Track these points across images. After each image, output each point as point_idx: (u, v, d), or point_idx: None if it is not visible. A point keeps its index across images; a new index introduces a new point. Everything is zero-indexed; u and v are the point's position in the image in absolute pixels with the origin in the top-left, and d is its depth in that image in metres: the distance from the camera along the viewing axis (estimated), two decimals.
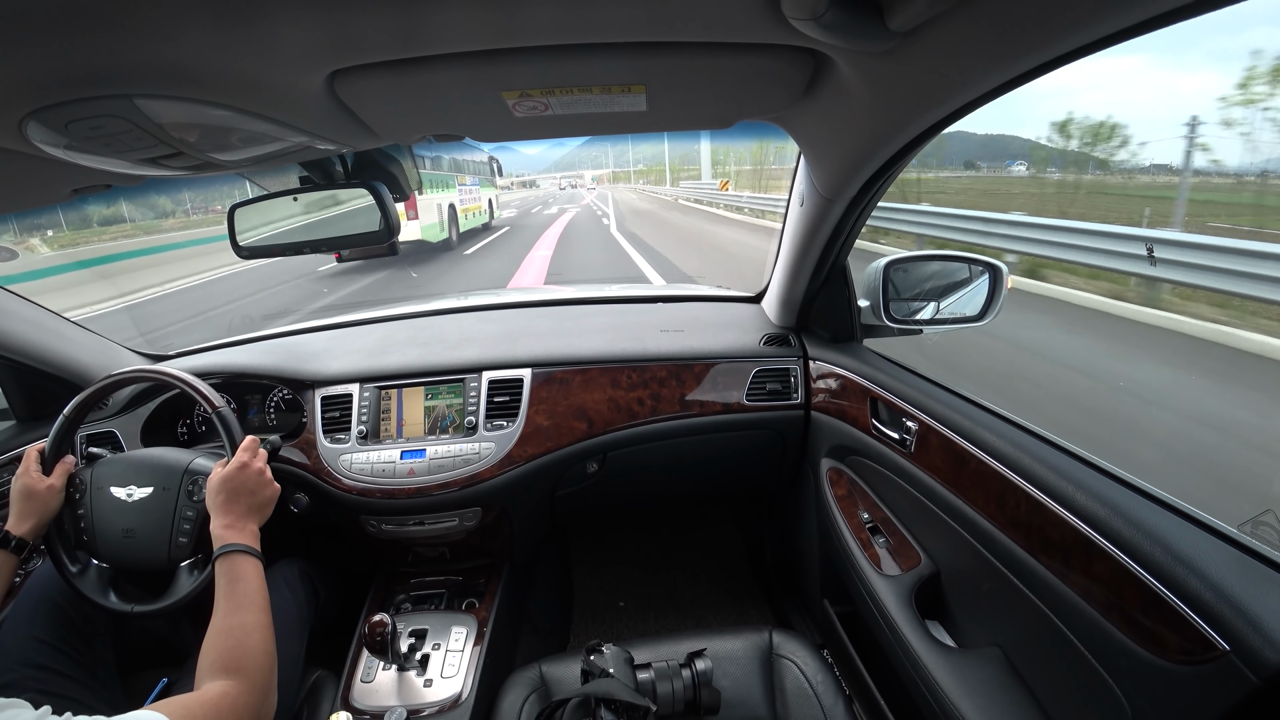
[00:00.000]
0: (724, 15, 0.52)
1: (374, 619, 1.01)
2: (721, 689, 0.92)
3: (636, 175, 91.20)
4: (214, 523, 0.91)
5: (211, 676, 0.74)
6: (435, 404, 1.34)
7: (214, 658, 0.76)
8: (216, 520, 0.91)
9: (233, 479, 0.95)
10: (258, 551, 0.90)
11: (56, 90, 0.50)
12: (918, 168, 17.91)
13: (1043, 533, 0.74)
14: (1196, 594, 0.56)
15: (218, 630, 0.79)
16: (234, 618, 0.80)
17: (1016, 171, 37.67)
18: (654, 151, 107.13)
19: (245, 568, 0.86)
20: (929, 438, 0.98)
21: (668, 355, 1.39)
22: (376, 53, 0.55)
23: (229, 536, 0.89)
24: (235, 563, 0.86)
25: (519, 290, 1.98)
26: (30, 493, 0.96)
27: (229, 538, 0.89)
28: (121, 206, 19.01)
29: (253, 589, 0.85)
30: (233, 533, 0.90)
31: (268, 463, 1.18)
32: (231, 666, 0.75)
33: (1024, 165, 40.20)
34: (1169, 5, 0.42)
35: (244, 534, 0.90)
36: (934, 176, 28.15)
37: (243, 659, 0.76)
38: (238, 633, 0.79)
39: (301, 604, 1.17)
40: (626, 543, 2.08)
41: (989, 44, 0.52)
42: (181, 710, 0.67)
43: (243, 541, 0.89)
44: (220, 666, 0.75)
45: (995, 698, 0.81)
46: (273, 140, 0.69)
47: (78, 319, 1.35)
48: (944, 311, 1.26)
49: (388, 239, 0.97)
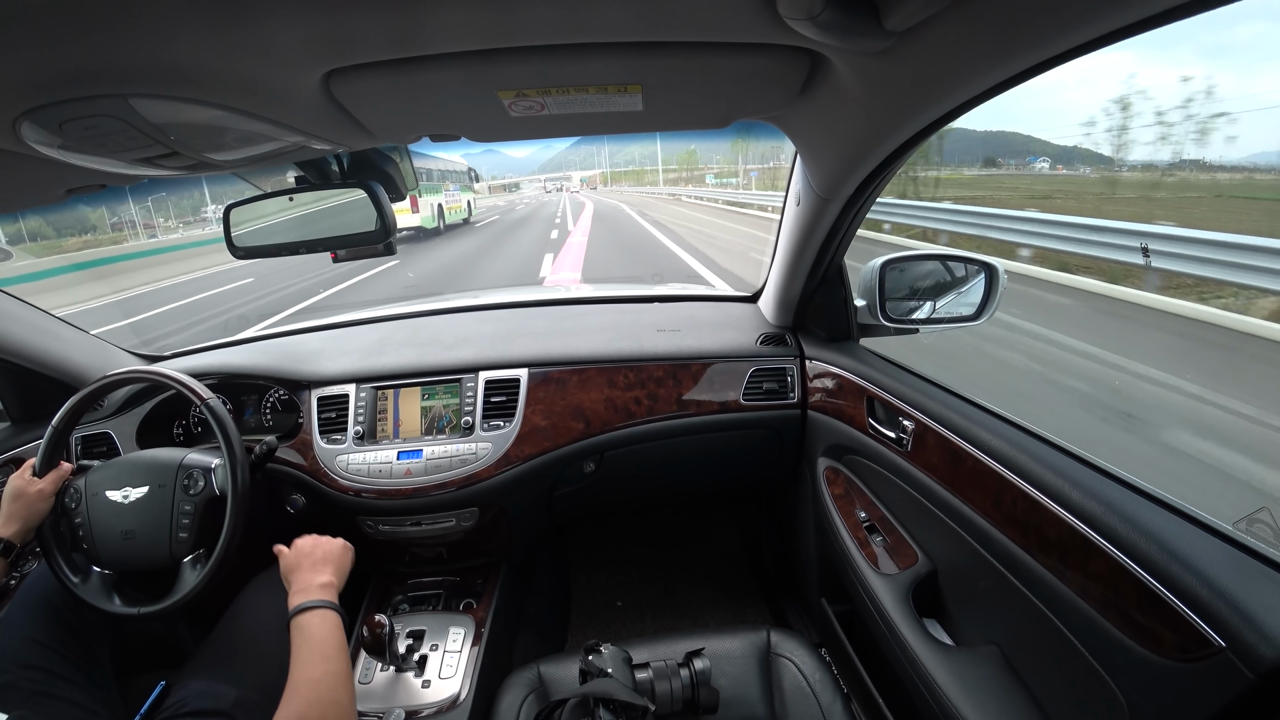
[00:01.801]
0: (720, 15, 0.52)
1: (372, 620, 1.01)
2: (720, 688, 0.92)
3: (651, 176, 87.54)
4: (291, 589, 0.90)
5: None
6: (432, 404, 1.34)
7: (293, 708, 0.74)
8: (290, 597, 0.89)
9: (288, 560, 0.94)
10: (328, 602, 0.87)
11: (50, 90, 0.49)
12: (947, 165, 17.88)
13: (1039, 531, 0.74)
14: (1192, 591, 0.56)
15: (292, 686, 0.76)
16: (306, 672, 0.78)
17: (1040, 168, 37.27)
18: (645, 152, 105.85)
19: (313, 622, 0.84)
20: (926, 437, 0.99)
21: (664, 355, 1.39)
22: (372, 52, 0.55)
23: (296, 600, 0.87)
24: (302, 620, 0.84)
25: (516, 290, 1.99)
26: (18, 494, 0.96)
27: (296, 600, 0.87)
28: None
29: (322, 641, 0.82)
30: (300, 595, 0.88)
31: (265, 464, 1.19)
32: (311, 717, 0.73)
33: (1047, 162, 39.88)
34: (1164, 5, 0.42)
35: (311, 591, 0.88)
36: (960, 174, 27.51)
37: (315, 710, 0.74)
38: (306, 688, 0.76)
39: None
40: (624, 542, 2.08)
41: (985, 43, 0.52)
42: None
43: (309, 599, 0.86)
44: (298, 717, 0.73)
45: (993, 695, 0.81)
46: (268, 140, 0.68)
47: (64, 315, 1.34)
48: (940, 311, 1.26)
49: (384, 239, 0.97)
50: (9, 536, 0.93)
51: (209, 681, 0.97)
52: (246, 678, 0.99)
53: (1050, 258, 6.79)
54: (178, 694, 0.96)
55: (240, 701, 0.95)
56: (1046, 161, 40.95)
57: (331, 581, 0.90)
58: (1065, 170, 26.36)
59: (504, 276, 9.01)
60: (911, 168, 15.46)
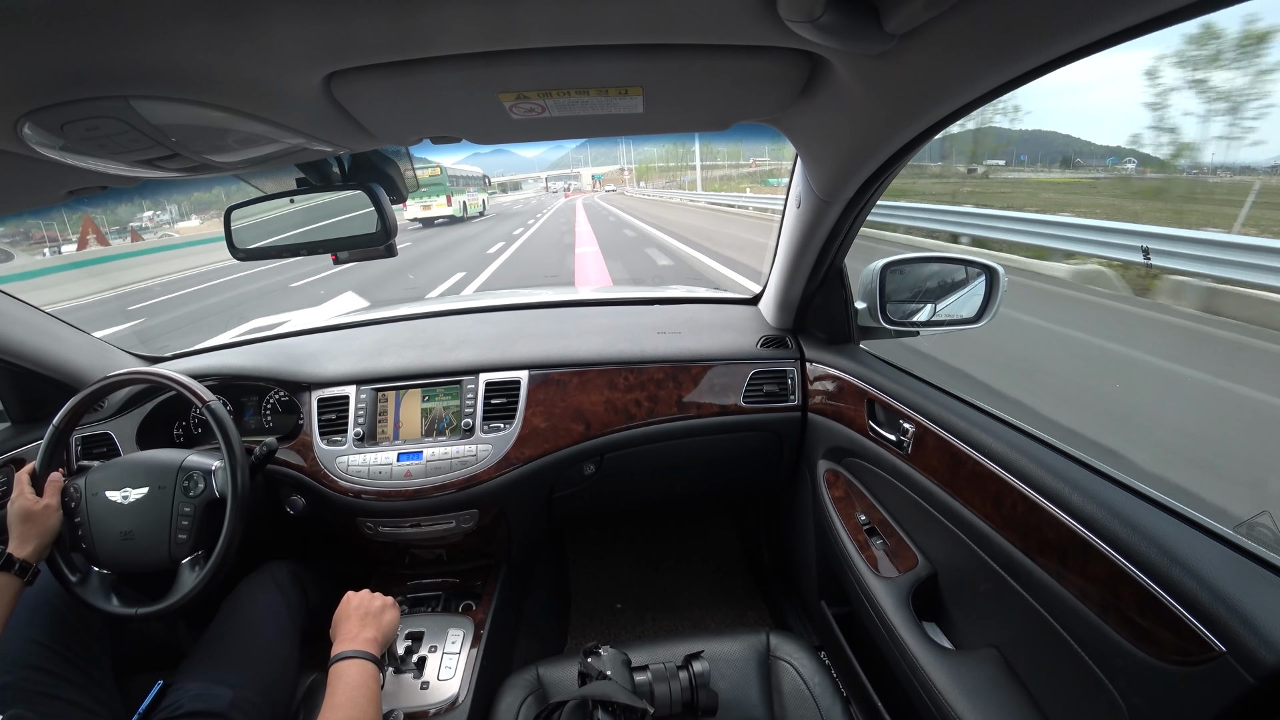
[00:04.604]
0: (721, 18, 0.52)
1: None
2: (719, 691, 0.92)
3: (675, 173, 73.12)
4: (337, 637, 0.90)
5: None
6: (432, 406, 1.34)
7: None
8: (337, 635, 0.91)
9: (340, 611, 0.95)
10: (368, 654, 0.87)
11: (52, 91, 0.49)
12: (1017, 167, 16.70)
13: (1039, 534, 0.74)
14: (1193, 595, 0.56)
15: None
16: (339, 712, 0.78)
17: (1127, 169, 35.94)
18: (666, 148, 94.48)
19: (350, 670, 0.84)
20: (926, 439, 0.99)
21: (665, 357, 1.39)
22: (373, 54, 0.55)
23: (344, 646, 0.88)
24: (340, 667, 0.85)
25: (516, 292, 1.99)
26: (28, 515, 0.96)
27: (343, 647, 0.87)
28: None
29: (354, 687, 0.82)
30: (344, 643, 0.88)
31: (265, 466, 1.19)
32: None
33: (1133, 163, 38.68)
34: (1166, 7, 0.42)
35: (356, 642, 0.89)
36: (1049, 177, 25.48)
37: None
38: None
39: (291, 606, 1.17)
40: (624, 544, 2.07)
41: (985, 46, 0.52)
42: None
43: (350, 648, 0.87)
44: None
45: (992, 698, 0.81)
46: (269, 142, 0.68)
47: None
48: (941, 313, 1.26)
49: (384, 241, 0.97)
50: (25, 557, 0.93)
51: (204, 683, 0.97)
52: (242, 678, 0.99)
53: None
54: (173, 696, 0.96)
55: (236, 702, 0.95)
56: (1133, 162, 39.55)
57: (376, 637, 0.91)
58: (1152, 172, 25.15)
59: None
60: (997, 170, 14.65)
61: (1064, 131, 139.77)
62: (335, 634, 0.92)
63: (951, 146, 23.99)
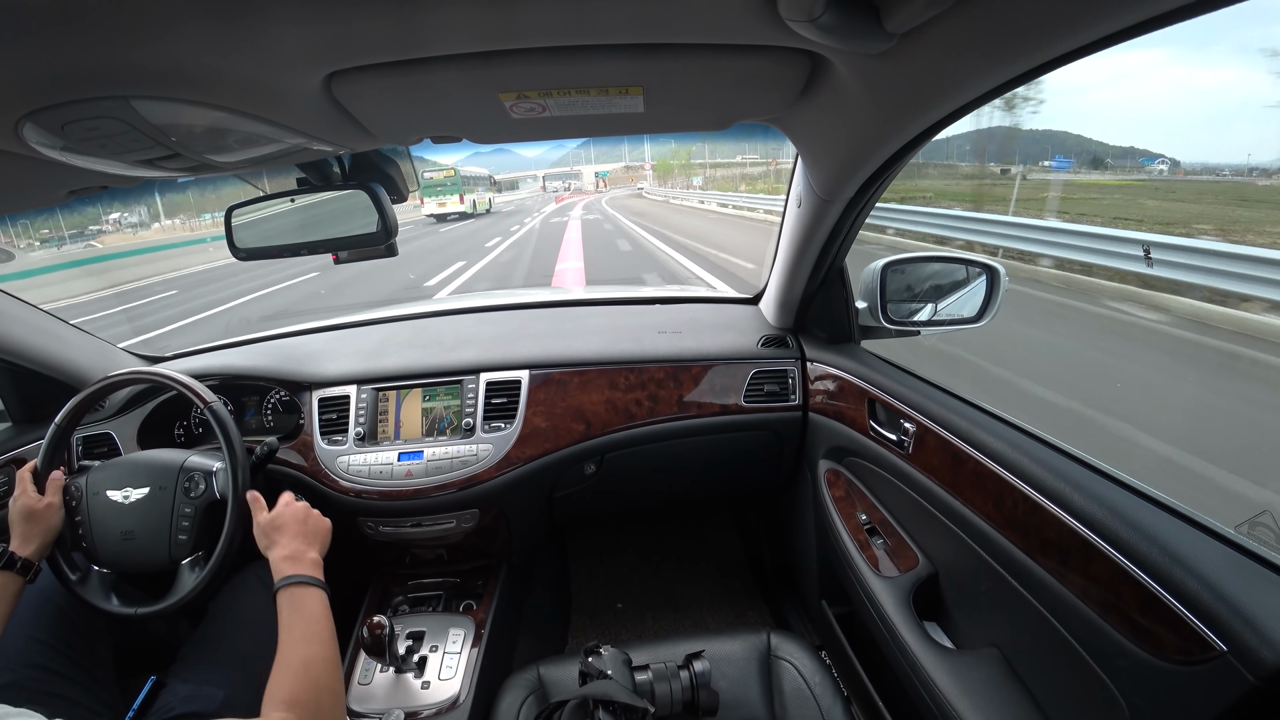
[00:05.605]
0: (721, 17, 0.52)
1: (371, 621, 1.01)
2: (720, 690, 0.92)
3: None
4: (272, 559, 0.88)
5: (273, 709, 0.70)
6: (433, 405, 1.34)
7: (276, 691, 0.72)
8: (274, 555, 0.88)
9: (279, 515, 0.94)
10: (318, 580, 0.86)
11: (53, 91, 0.49)
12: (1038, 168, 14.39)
13: (1040, 533, 0.74)
14: (1194, 595, 0.56)
15: (280, 664, 0.75)
16: (296, 651, 0.76)
17: (1158, 169, 35.08)
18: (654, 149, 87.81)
19: (304, 598, 0.82)
20: (926, 439, 0.99)
21: (666, 357, 1.39)
22: (374, 54, 0.55)
23: (286, 568, 0.85)
24: (294, 594, 0.82)
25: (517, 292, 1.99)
26: (31, 513, 0.96)
27: (286, 569, 0.85)
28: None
29: (313, 620, 0.80)
30: (290, 564, 0.86)
31: (265, 466, 1.18)
32: (292, 701, 0.71)
33: (1165, 164, 37.70)
34: (1166, 6, 0.42)
35: (302, 564, 0.87)
36: (1102, 179, 23.74)
37: (303, 693, 0.72)
38: (300, 667, 0.75)
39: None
40: (624, 544, 2.07)
41: (986, 45, 0.52)
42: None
43: (301, 572, 0.85)
44: (281, 700, 0.71)
45: (993, 698, 0.81)
46: (270, 142, 0.68)
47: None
48: (941, 313, 1.26)
49: (385, 241, 0.97)
50: (29, 556, 0.92)
51: (195, 685, 0.96)
52: (233, 678, 0.98)
53: None
54: (164, 698, 0.95)
55: (227, 702, 0.94)
56: (1165, 164, 38.47)
57: (319, 560, 0.90)
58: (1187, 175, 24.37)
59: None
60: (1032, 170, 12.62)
61: (1074, 131, 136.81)
62: (270, 542, 0.90)
63: (984, 145, 22.79)
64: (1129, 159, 51.50)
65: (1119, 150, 22.15)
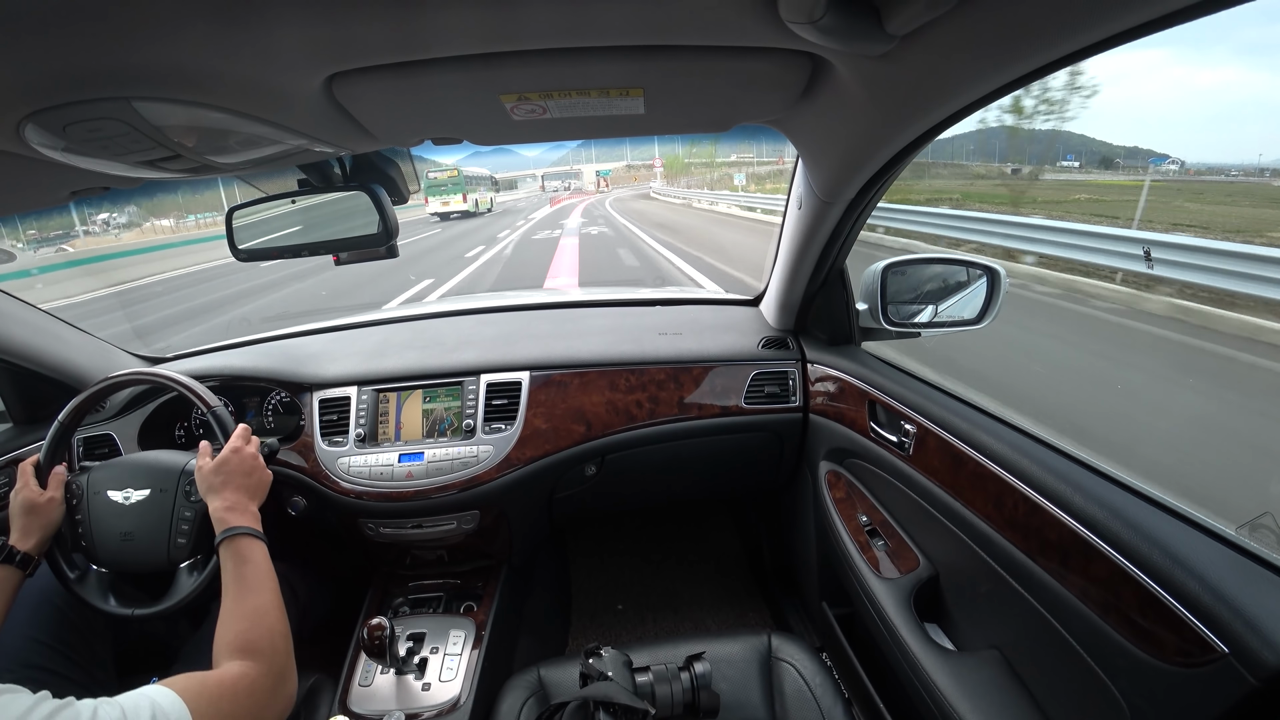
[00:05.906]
0: (721, 19, 0.52)
1: (372, 622, 1.01)
2: (720, 692, 0.92)
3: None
4: (213, 506, 0.90)
5: (229, 657, 0.72)
6: (433, 407, 1.34)
7: (229, 639, 0.74)
8: (216, 504, 0.90)
9: (227, 462, 0.95)
10: (261, 533, 0.88)
11: (54, 93, 0.49)
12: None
13: (1041, 534, 0.74)
14: (1195, 596, 0.56)
15: (231, 613, 0.77)
16: (247, 600, 0.79)
17: (1169, 169, 35.07)
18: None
19: (251, 549, 0.85)
20: (927, 440, 0.99)
21: (666, 358, 1.39)
22: (375, 56, 0.55)
23: (231, 519, 0.87)
24: (240, 545, 0.85)
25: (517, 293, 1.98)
26: (32, 507, 0.96)
27: (231, 520, 0.87)
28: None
29: (261, 570, 0.83)
30: (235, 515, 0.88)
31: (266, 466, 1.18)
32: (248, 648, 0.73)
33: (1176, 165, 37.59)
34: (1167, 8, 0.42)
35: (245, 516, 0.89)
36: (1115, 179, 23.51)
37: (259, 640, 0.75)
38: (252, 615, 0.77)
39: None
40: (625, 545, 2.07)
41: (987, 47, 0.52)
42: (196, 687, 0.65)
43: (245, 524, 0.87)
44: (236, 648, 0.73)
45: (994, 699, 0.81)
46: (271, 143, 0.69)
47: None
48: (942, 314, 1.26)
49: (386, 242, 0.97)
50: (29, 549, 0.93)
51: None
52: None
53: None
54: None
55: None
56: (1176, 164, 38.28)
57: (258, 514, 0.92)
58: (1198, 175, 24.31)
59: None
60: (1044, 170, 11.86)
61: (1077, 131, 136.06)
62: (211, 489, 0.91)
63: (1008, 144, 22.24)
64: (1137, 159, 50.92)
65: (1125, 150, 22.31)
